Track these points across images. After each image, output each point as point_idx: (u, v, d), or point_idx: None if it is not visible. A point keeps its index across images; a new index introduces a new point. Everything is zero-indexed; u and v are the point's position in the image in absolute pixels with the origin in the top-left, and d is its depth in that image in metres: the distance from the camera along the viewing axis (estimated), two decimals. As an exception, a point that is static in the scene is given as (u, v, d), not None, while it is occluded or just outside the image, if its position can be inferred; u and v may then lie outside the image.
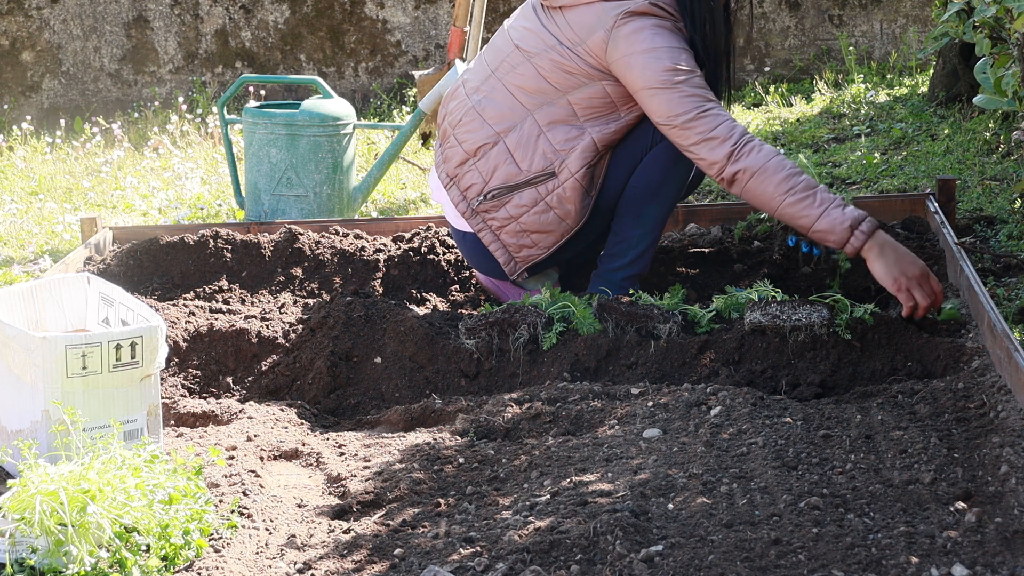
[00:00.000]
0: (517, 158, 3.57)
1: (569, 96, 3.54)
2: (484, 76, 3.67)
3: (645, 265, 3.68)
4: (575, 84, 3.52)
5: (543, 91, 3.55)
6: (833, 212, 3.27)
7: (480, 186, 3.62)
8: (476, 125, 3.63)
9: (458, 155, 3.66)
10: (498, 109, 3.60)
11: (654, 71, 3.41)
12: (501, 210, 3.62)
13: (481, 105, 3.63)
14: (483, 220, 3.65)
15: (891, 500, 2.33)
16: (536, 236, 3.63)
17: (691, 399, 2.91)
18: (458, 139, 3.67)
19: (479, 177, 3.62)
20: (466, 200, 3.66)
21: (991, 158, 5.07)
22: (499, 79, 3.62)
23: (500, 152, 3.59)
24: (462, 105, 3.69)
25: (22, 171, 6.42)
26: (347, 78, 7.67)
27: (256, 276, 4.07)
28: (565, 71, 3.52)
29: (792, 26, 7.55)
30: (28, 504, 2.29)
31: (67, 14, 7.61)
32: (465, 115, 3.66)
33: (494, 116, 3.60)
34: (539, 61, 3.55)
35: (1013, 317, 3.45)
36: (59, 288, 3.08)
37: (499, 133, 3.59)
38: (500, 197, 3.61)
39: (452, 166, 3.68)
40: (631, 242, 3.64)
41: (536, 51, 3.56)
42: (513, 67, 3.60)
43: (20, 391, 2.74)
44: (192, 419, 3.17)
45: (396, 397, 3.33)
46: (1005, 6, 3.50)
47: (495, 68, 3.65)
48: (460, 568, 2.23)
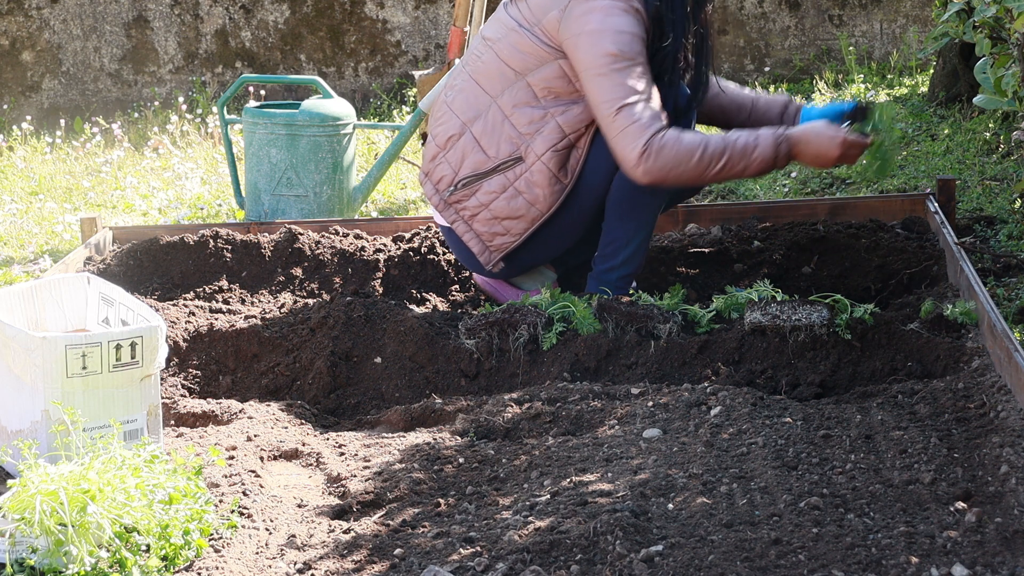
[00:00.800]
0: (484, 145, 3.59)
1: (528, 78, 3.55)
2: (457, 73, 3.74)
3: (639, 264, 3.67)
4: (533, 64, 3.54)
5: (503, 75, 3.58)
6: (753, 156, 3.42)
7: (450, 177, 3.65)
8: (446, 118, 3.67)
9: (431, 150, 3.71)
10: (464, 100, 3.64)
11: (595, 54, 3.41)
12: (472, 199, 3.63)
13: (450, 98, 3.68)
14: (455, 211, 3.67)
15: (891, 500, 2.33)
16: (507, 223, 3.63)
17: (691, 399, 2.91)
18: (432, 135, 3.72)
19: (449, 168, 3.65)
20: (439, 193, 3.69)
21: (991, 158, 5.07)
22: (467, 72, 3.67)
23: (468, 141, 3.62)
24: (440, 106, 3.74)
25: (22, 171, 6.42)
26: (347, 78, 7.67)
27: (256, 276, 4.07)
28: (522, 51, 3.54)
29: (792, 26, 7.55)
30: (28, 504, 2.29)
31: (67, 14, 7.61)
32: (437, 110, 3.72)
33: (461, 107, 3.64)
34: (499, 46, 3.59)
35: (1013, 317, 3.46)
36: (59, 288, 3.08)
37: (465, 123, 3.62)
38: (470, 186, 3.62)
39: (427, 162, 3.72)
40: (621, 242, 3.63)
41: (497, 37, 3.61)
42: (478, 57, 3.65)
43: (20, 391, 2.74)
44: (192, 419, 3.17)
45: (396, 397, 3.33)
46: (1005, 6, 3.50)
47: (465, 63, 3.71)
48: (460, 568, 2.23)
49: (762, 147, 3.42)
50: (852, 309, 3.27)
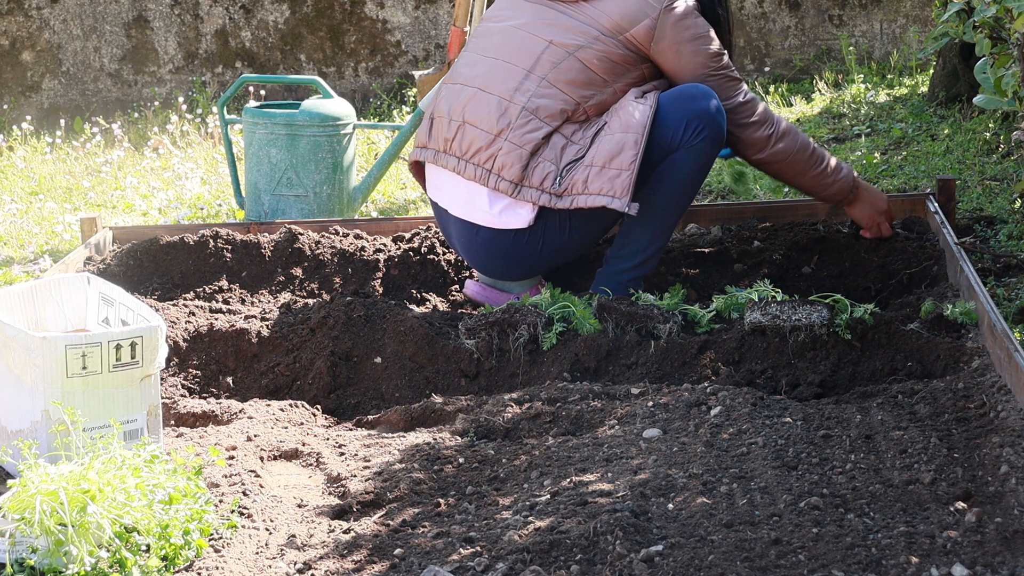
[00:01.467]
0: (576, 139, 3.59)
1: (615, 85, 3.63)
2: (519, 76, 3.63)
3: (651, 268, 3.70)
4: (621, 72, 3.63)
5: (592, 83, 3.61)
6: (841, 179, 3.82)
7: (554, 172, 3.56)
8: (533, 125, 3.58)
9: (521, 158, 3.57)
10: (552, 106, 3.59)
11: (705, 57, 3.64)
12: (577, 172, 3.54)
13: (532, 105, 3.59)
14: (568, 194, 3.56)
15: (891, 500, 2.33)
16: (616, 161, 3.51)
17: (691, 399, 2.91)
18: (514, 142, 3.58)
19: (551, 166, 3.57)
20: (546, 192, 3.57)
21: (991, 158, 5.07)
22: (542, 77, 3.61)
23: (559, 140, 3.59)
24: (500, 108, 3.62)
25: (22, 171, 6.42)
26: (347, 78, 7.67)
27: (256, 276, 4.07)
28: (612, 61, 3.61)
29: (792, 26, 7.55)
30: (28, 504, 2.29)
31: (67, 14, 7.61)
32: (515, 119, 3.59)
33: (550, 114, 3.59)
34: (584, 55, 3.60)
35: (1013, 317, 3.46)
36: (59, 288, 3.08)
37: (556, 129, 3.60)
38: (572, 167, 3.56)
39: (516, 171, 3.57)
40: (639, 245, 3.64)
41: (579, 44, 3.61)
42: (555, 64, 3.61)
43: (20, 391, 2.74)
44: (192, 419, 3.17)
45: (396, 397, 3.33)
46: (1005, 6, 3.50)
47: (531, 67, 3.63)
48: (460, 568, 2.23)
49: (844, 171, 3.83)
50: (852, 309, 3.27)
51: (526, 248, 3.66)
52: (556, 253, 3.71)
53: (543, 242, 3.66)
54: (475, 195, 3.67)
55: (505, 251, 3.69)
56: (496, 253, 3.71)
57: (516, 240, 3.66)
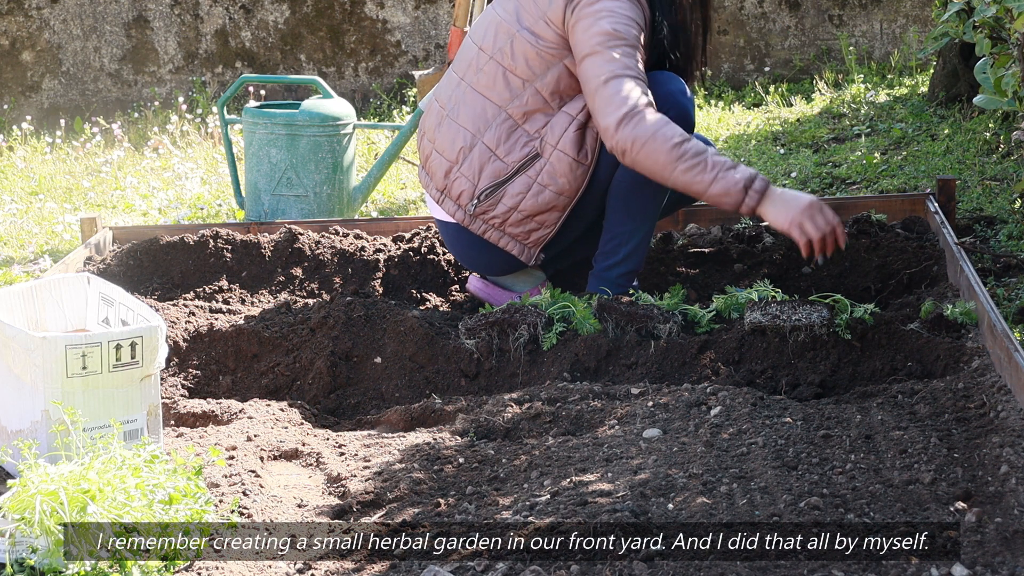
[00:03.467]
0: (500, 153, 3.58)
1: (536, 84, 3.55)
2: (454, 85, 3.69)
3: (639, 261, 3.66)
4: (539, 70, 3.54)
5: (510, 85, 3.57)
6: (725, 176, 3.26)
7: (470, 191, 3.62)
8: (452, 132, 3.64)
9: (442, 166, 3.67)
10: (471, 112, 3.61)
11: (593, 34, 3.41)
12: (498, 206, 3.61)
13: (455, 112, 3.64)
14: (484, 222, 3.65)
15: (891, 500, 2.33)
16: (540, 217, 3.62)
17: (691, 399, 2.91)
18: (438, 150, 3.68)
19: (467, 182, 3.62)
20: (461, 208, 3.66)
21: (991, 158, 5.07)
22: (468, 84, 3.64)
23: (481, 152, 3.60)
24: (436, 117, 3.70)
25: (22, 171, 6.42)
26: (347, 78, 7.67)
27: (256, 276, 4.07)
28: (527, 58, 3.54)
29: (792, 26, 7.55)
30: (28, 504, 2.29)
31: (67, 14, 7.61)
32: (440, 124, 3.67)
33: (468, 119, 3.61)
34: (501, 57, 3.58)
35: (1013, 317, 3.46)
36: (59, 288, 3.08)
37: (475, 134, 3.60)
38: (493, 195, 3.61)
39: (439, 179, 3.68)
40: (622, 238, 3.63)
41: (497, 46, 3.59)
42: (479, 69, 3.62)
43: (20, 391, 2.74)
44: (192, 419, 3.17)
45: (396, 397, 3.33)
46: (1005, 6, 3.50)
47: (462, 75, 3.67)
48: (460, 568, 2.23)
49: (740, 171, 3.28)
50: (852, 309, 3.27)
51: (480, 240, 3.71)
52: None
53: None
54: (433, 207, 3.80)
55: (466, 240, 3.73)
56: (460, 243, 3.75)
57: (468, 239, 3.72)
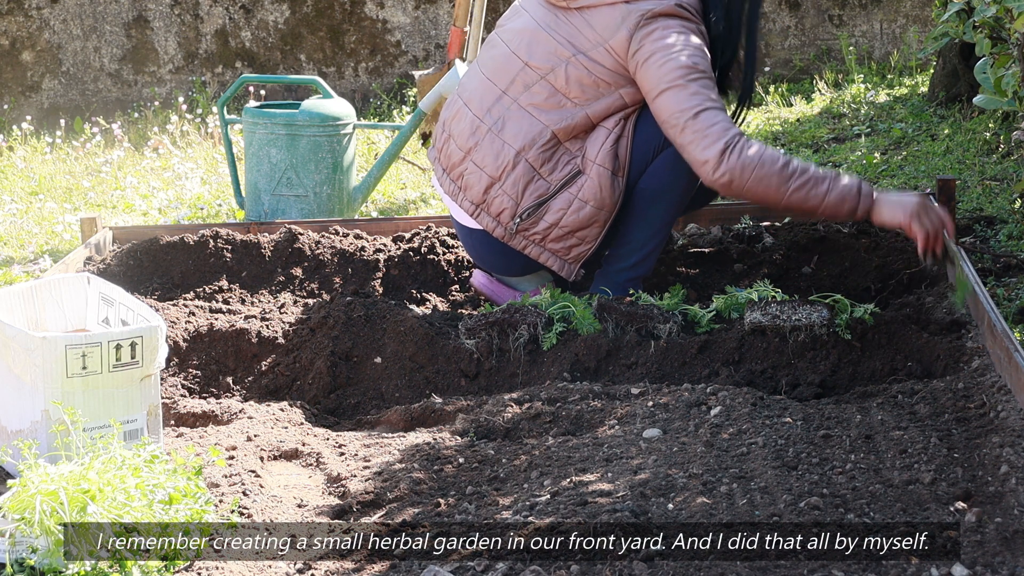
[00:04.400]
0: (543, 172, 3.55)
1: (587, 109, 3.52)
2: (494, 96, 3.62)
3: (650, 267, 3.69)
4: (594, 96, 3.51)
5: (561, 106, 3.53)
6: (838, 185, 3.33)
7: (512, 208, 3.58)
8: (496, 147, 3.58)
9: (481, 181, 3.60)
10: (516, 129, 3.56)
11: (670, 68, 3.40)
12: (540, 223, 3.59)
13: (499, 126, 3.58)
14: (524, 238, 3.62)
15: (891, 500, 2.33)
16: (581, 233, 3.60)
17: (691, 399, 2.91)
18: (477, 164, 3.61)
19: (509, 201, 3.58)
20: (501, 224, 3.61)
21: (991, 158, 5.07)
22: (513, 99, 3.59)
23: (524, 170, 3.56)
24: (472, 127, 3.63)
25: (22, 171, 6.42)
26: (347, 78, 7.67)
27: (256, 276, 4.07)
28: (583, 85, 3.51)
29: (792, 26, 7.55)
30: (28, 504, 2.29)
31: (67, 14, 7.61)
32: (478, 135, 3.61)
33: (513, 136, 3.56)
34: (554, 78, 3.53)
35: (1013, 317, 3.46)
36: (59, 288, 3.08)
37: (519, 152, 3.55)
38: (534, 213, 3.58)
39: (477, 193, 3.62)
40: (636, 244, 3.64)
41: (551, 66, 3.54)
42: (527, 87, 3.57)
43: (20, 391, 2.74)
44: (192, 419, 3.17)
45: (396, 397, 3.33)
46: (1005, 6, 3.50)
47: (505, 88, 3.61)
48: (460, 568, 2.23)
49: (847, 178, 3.34)
50: (852, 309, 3.27)
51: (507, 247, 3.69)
52: None
53: None
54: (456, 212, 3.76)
55: (492, 247, 3.71)
56: (485, 248, 3.73)
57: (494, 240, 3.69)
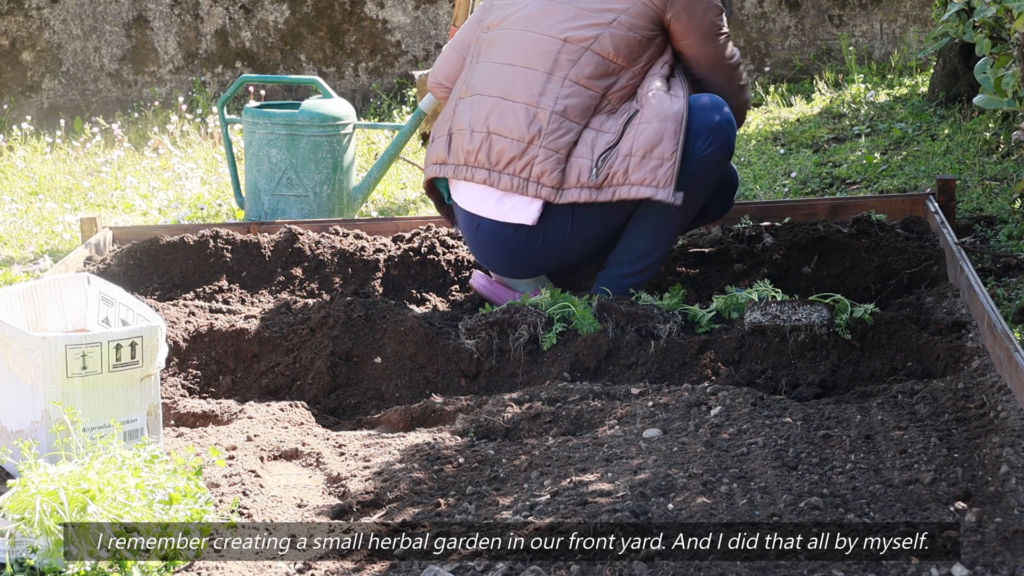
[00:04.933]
0: (606, 128, 3.58)
1: (633, 68, 3.63)
2: (540, 81, 3.61)
3: (652, 275, 3.69)
4: (638, 54, 3.63)
5: (610, 72, 3.61)
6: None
7: (589, 164, 3.55)
8: (564, 128, 3.57)
9: (558, 162, 3.57)
10: (578, 103, 3.59)
11: (713, 17, 3.69)
12: (615, 162, 3.53)
13: (560, 107, 3.58)
14: (609, 184, 3.55)
15: (891, 500, 2.33)
16: (657, 151, 3.52)
17: (691, 399, 2.91)
18: (549, 147, 3.56)
19: (586, 160, 3.56)
20: (585, 187, 3.55)
21: (991, 158, 5.07)
22: (563, 77, 3.60)
23: (589, 135, 3.59)
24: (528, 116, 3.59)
25: (22, 171, 6.42)
26: (347, 78, 7.67)
27: (256, 276, 4.07)
28: (630, 46, 3.61)
29: (792, 26, 7.55)
30: (28, 504, 2.29)
31: (67, 14, 7.60)
32: (546, 124, 3.57)
33: (576, 112, 3.59)
34: (599, 47, 3.60)
35: (1013, 317, 3.46)
36: (59, 288, 3.08)
37: (586, 126, 3.60)
38: (608, 158, 3.54)
39: (554, 177, 3.56)
40: (642, 252, 3.63)
41: (594, 35, 3.60)
42: (573, 62, 3.60)
43: (20, 391, 2.74)
44: (192, 419, 3.17)
45: (396, 397, 3.33)
46: (1005, 6, 3.50)
47: (550, 69, 3.61)
48: (460, 568, 2.23)
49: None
50: (852, 309, 3.27)
51: (526, 246, 3.66)
52: (556, 254, 3.70)
53: (543, 241, 3.65)
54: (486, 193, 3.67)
55: (505, 246, 3.68)
56: (497, 248, 3.69)
57: (516, 236, 3.65)
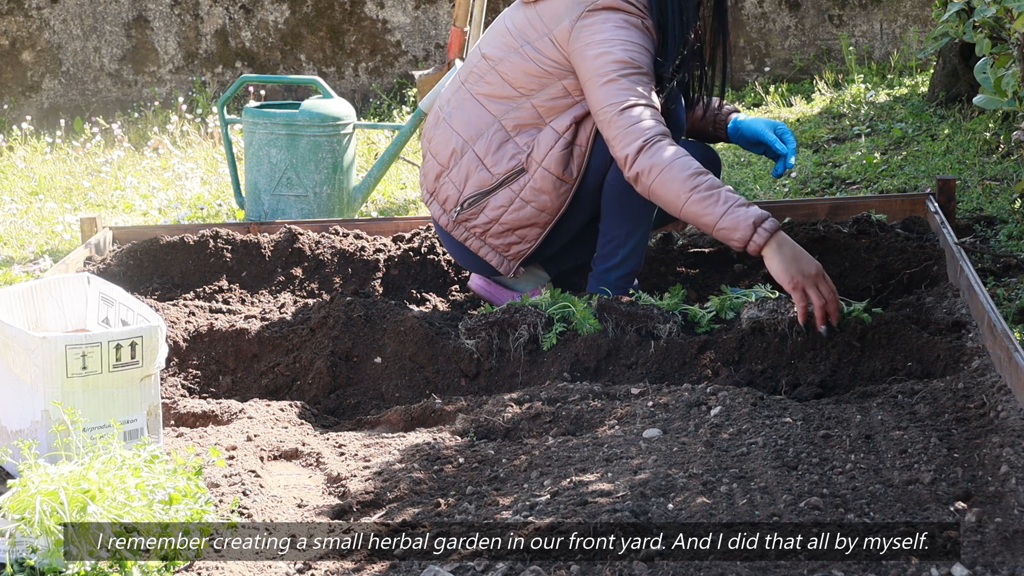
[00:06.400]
0: (488, 164, 3.60)
1: (533, 99, 3.56)
2: (454, 89, 3.72)
3: (638, 262, 3.66)
4: (538, 86, 3.55)
5: (508, 97, 3.58)
6: (736, 211, 3.20)
7: (456, 196, 3.66)
8: (446, 135, 3.66)
9: (434, 169, 3.71)
10: (466, 118, 3.63)
11: (604, 61, 3.40)
12: (480, 215, 3.64)
13: (450, 116, 3.67)
14: (466, 229, 3.68)
15: (891, 500, 2.33)
16: (521, 232, 3.64)
17: (691, 399, 2.91)
18: (432, 152, 3.71)
19: (453, 188, 3.66)
20: (446, 213, 3.70)
21: (991, 158, 5.07)
22: (467, 90, 3.66)
23: (470, 160, 3.62)
24: (435, 118, 3.74)
25: (22, 171, 6.42)
26: (347, 78, 7.67)
27: (256, 276, 4.07)
28: (527, 74, 3.55)
29: (792, 26, 7.55)
30: (28, 504, 2.29)
31: (67, 14, 7.60)
32: (436, 127, 3.71)
33: (462, 125, 3.64)
34: (503, 68, 3.59)
35: (1013, 317, 3.46)
36: (59, 288, 3.08)
37: (467, 141, 3.63)
38: (476, 204, 3.64)
39: (430, 181, 3.73)
40: (619, 240, 3.62)
41: (501, 56, 3.60)
42: (480, 76, 3.64)
43: (20, 391, 2.74)
44: (192, 419, 3.17)
45: (396, 397, 3.33)
46: (1005, 6, 3.50)
47: (464, 79, 3.69)
48: (460, 568, 2.23)
49: (752, 209, 3.21)
50: (851, 307, 3.27)
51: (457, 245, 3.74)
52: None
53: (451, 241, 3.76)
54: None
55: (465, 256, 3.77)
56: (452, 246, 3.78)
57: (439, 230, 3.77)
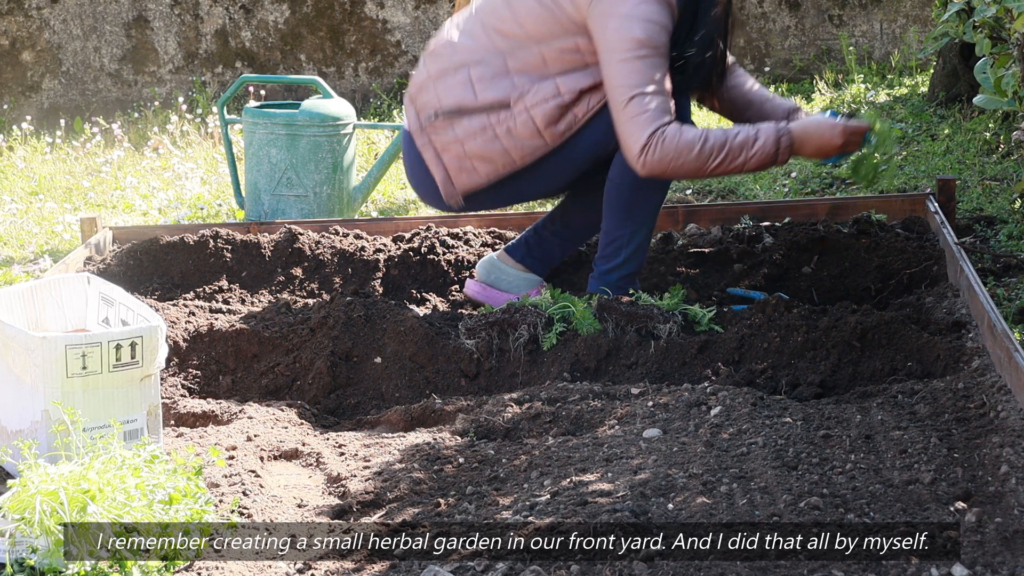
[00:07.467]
0: (477, 88, 3.57)
1: (541, 47, 3.52)
2: (467, 16, 3.69)
3: (640, 263, 3.65)
4: (550, 34, 3.51)
5: (517, 36, 3.55)
6: (753, 149, 3.42)
7: (434, 104, 3.62)
8: (447, 52, 3.64)
9: (422, 75, 3.68)
10: (472, 44, 3.60)
11: (623, 37, 3.40)
12: (448, 131, 3.60)
13: (457, 38, 3.64)
14: (428, 138, 3.64)
15: (891, 500, 2.33)
16: (478, 163, 3.60)
17: (691, 399, 2.91)
18: (427, 61, 3.68)
19: (434, 97, 3.62)
20: (419, 119, 3.66)
21: (991, 158, 5.07)
22: (479, 19, 3.63)
23: (462, 79, 3.59)
24: (439, 39, 3.71)
25: (22, 171, 6.42)
26: (347, 78, 7.67)
27: (256, 276, 4.07)
28: (540, 20, 3.51)
29: (792, 26, 7.55)
30: (28, 504, 2.29)
31: (67, 14, 7.60)
32: (440, 46, 3.67)
33: (466, 47, 3.61)
34: (519, 10, 3.55)
35: (1013, 317, 3.46)
36: (59, 288, 3.08)
37: (466, 63, 3.59)
38: (450, 118, 3.59)
39: (415, 85, 3.69)
40: (622, 241, 3.62)
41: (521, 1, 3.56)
42: (493, 9, 3.61)
43: (20, 391, 2.74)
44: (192, 419, 3.17)
45: (396, 397, 3.33)
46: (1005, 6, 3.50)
47: (478, 8, 3.67)
48: (460, 568, 2.23)
49: (763, 140, 3.42)
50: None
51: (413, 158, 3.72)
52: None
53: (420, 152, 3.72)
54: None
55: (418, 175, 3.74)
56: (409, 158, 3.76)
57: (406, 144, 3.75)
